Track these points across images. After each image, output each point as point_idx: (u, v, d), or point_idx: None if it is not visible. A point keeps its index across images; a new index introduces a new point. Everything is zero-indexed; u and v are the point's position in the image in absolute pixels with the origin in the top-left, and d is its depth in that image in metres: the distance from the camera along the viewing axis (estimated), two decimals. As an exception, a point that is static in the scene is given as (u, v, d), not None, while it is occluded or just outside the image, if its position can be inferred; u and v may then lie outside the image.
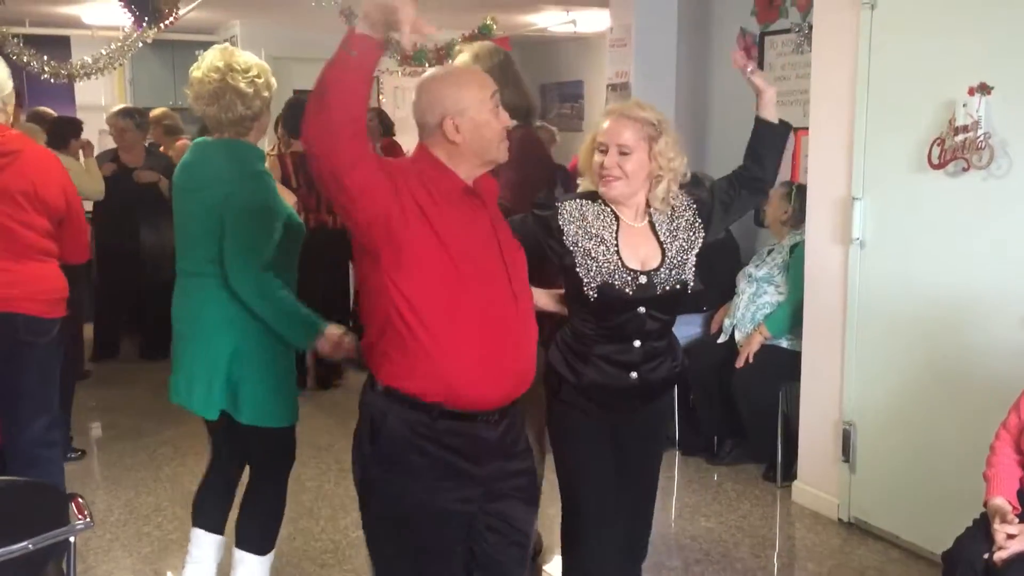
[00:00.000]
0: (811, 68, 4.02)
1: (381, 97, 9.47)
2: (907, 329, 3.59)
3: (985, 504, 2.59)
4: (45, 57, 6.59)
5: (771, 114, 2.66)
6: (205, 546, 3.01)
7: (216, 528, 3.03)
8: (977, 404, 3.24)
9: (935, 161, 3.39)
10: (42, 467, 3.27)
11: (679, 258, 2.52)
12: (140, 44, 6.53)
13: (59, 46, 8.56)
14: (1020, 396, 2.69)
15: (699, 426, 4.68)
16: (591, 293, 2.45)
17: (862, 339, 3.78)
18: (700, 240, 2.56)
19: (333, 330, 2.75)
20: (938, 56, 3.40)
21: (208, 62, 2.78)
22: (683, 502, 4.21)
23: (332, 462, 4.44)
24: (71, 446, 4.66)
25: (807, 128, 4.09)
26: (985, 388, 3.22)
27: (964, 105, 3.24)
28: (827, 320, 3.89)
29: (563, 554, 2.70)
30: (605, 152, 2.49)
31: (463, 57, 3.21)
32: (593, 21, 8.17)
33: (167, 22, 6.24)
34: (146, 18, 6.10)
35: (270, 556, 2.99)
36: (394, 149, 6.99)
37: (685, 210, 2.57)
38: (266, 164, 2.95)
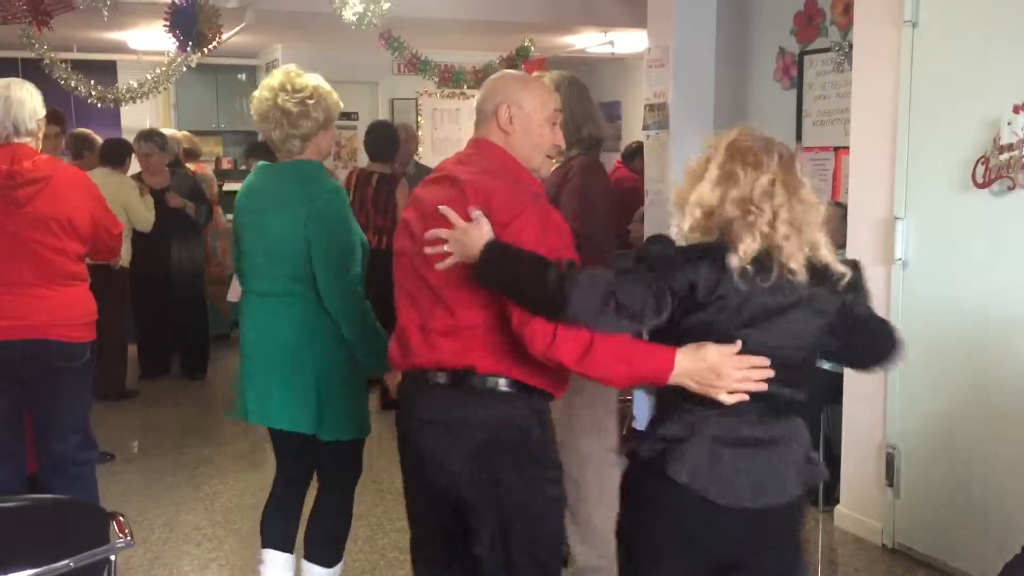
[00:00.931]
0: (851, 87, 3.99)
1: (420, 119, 9.55)
2: (951, 351, 3.53)
3: (1034, 531, 2.53)
4: (92, 81, 6.75)
5: None
6: (277, 566, 3.03)
7: (287, 546, 3.05)
8: (1023, 429, 3.17)
9: (979, 180, 3.34)
10: (74, 485, 3.30)
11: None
12: (184, 68, 6.66)
13: (106, 71, 8.75)
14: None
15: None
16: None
17: (906, 362, 3.68)
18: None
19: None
20: (981, 74, 3.35)
21: (267, 82, 2.83)
22: None
23: (369, 482, 4.44)
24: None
25: (847, 147, 4.05)
26: (1033, 411, 3.15)
27: (1008, 123, 3.20)
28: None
29: None
30: None
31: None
32: (631, 42, 8.18)
33: (210, 47, 6.34)
34: (190, 43, 6.20)
35: (339, 568, 3.04)
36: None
37: None
38: None
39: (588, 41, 8.53)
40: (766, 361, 1.94)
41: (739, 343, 1.93)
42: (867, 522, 3.92)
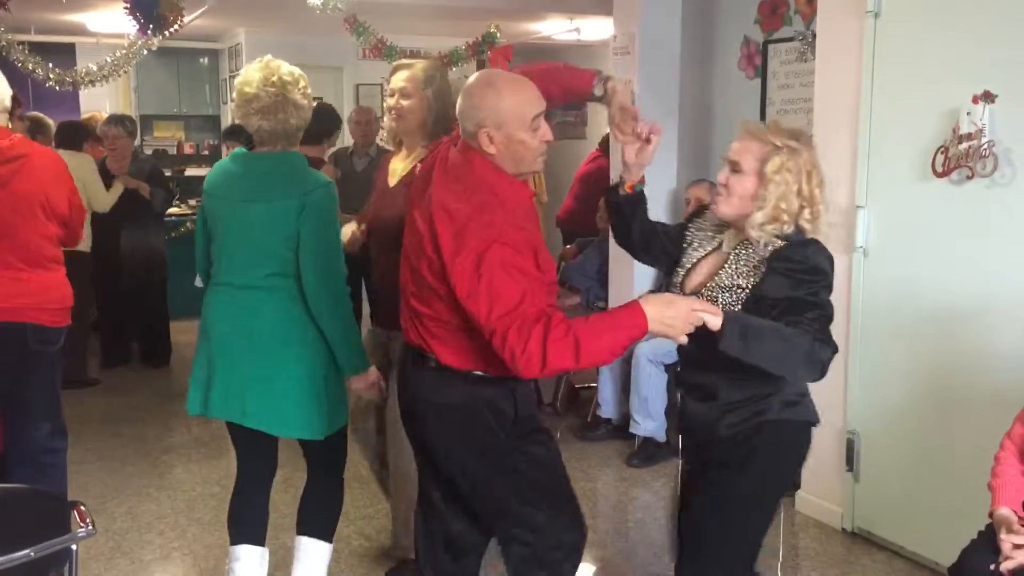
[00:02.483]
0: (815, 76, 4.02)
1: (385, 104, 9.49)
2: (911, 338, 3.58)
3: (990, 514, 2.57)
4: (50, 64, 6.62)
5: None
6: (253, 561, 3.00)
7: (261, 540, 3.03)
8: (982, 413, 3.23)
9: (939, 169, 3.38)
10: (45, 474, 3.27)
11: (723, 295, 2.32)
12: (145, 52, 6.56)
13: (64, 53, 8.62)
14: (1025, 405, 2.68)
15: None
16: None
17: (866, 348, 3.77)
18: (745, 291, 2.30)
19: (375, 371, 2.90)
20: (942, 64, 3.39)
21: (261, 76, 2.76)
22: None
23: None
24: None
25: (811, 136, 4.08)
26: (990, 397, 3.21)
27: (968, 113, 3.24)
28: (832, 329, 3.88)
29: None
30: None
31: (402, 75, 3.13)
32: (597, 29, 8.19)
33: (172, 30, 6.26)
34: (151, 26, 6.12)
35: (331, 544, 3.08)
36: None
37: (764, 254, 2.31)
38: None
39: (554, 28, 8.53)
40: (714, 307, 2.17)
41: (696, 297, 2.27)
42: (827, 506, 3.98)
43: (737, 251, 2.37)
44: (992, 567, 2.43)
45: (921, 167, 3.46)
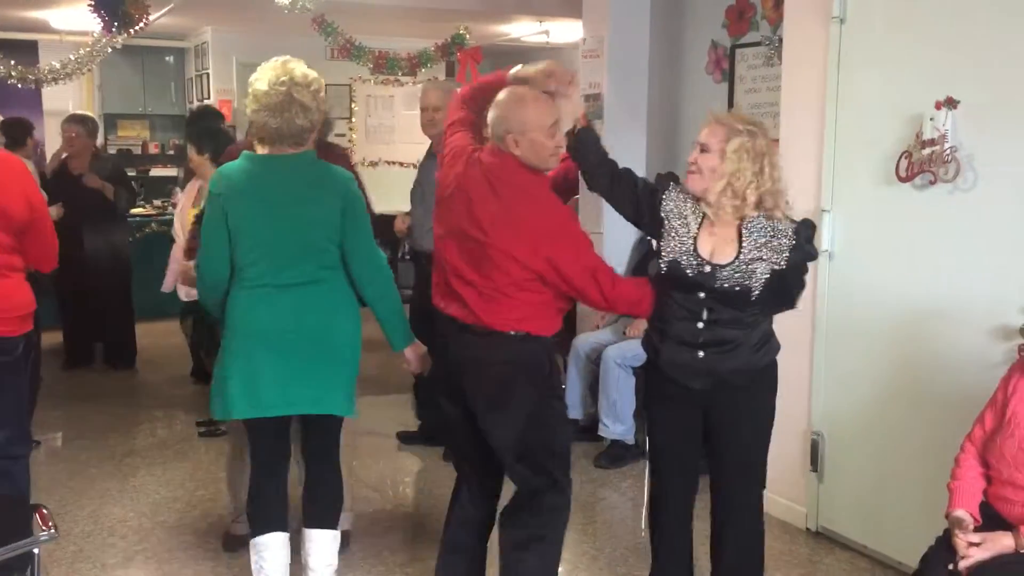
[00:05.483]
0: (781, 81, 4.06)
1: (354, 105, 9.45)
2: (875, 340, 3.63)
3: (947, 516, 2.61)
4: (12, 62, 6.53)
5: None
6: (281, 548, 3.04)
7: (286, 526, 3.08)
8: (944, 415, 3.27)
9: (902, 174, 3.43)
10: (5, 480, 3.21)
11: (751, 266, 2.71)
12: (109, 49, 6.49)
13: (27, 51, 8.50)
14: (984, 408, 2.72)
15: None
16: (663, 265, 2.79)
17: (831, 350, 3.81)
18: (777, 267, 2.72)
19: (421, 345, 3.09)
20: (906, 70, 3.44)
21: (273, 75, 2.82)
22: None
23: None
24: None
25: (777, 140, 4.12)
26: (952, 399, 3.25)
27: (931, 119, 3.28)
28: (796, 331, 3.92)
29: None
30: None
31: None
32: (566, 32, 8.21)
33: (137, 28, 6.19)
34: (116, 23, 6.05)
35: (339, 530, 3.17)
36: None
37: (783, 238, 2.73)
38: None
39: (523, 30, 8.55)
40: None
41: None
42: (792, 507, 4.02)
43: (748, 227, 2.73)
44: (950, 567, 2.47)
45: (885, 172, 3.50)
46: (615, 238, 5.02)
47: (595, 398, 4.85)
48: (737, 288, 2.71)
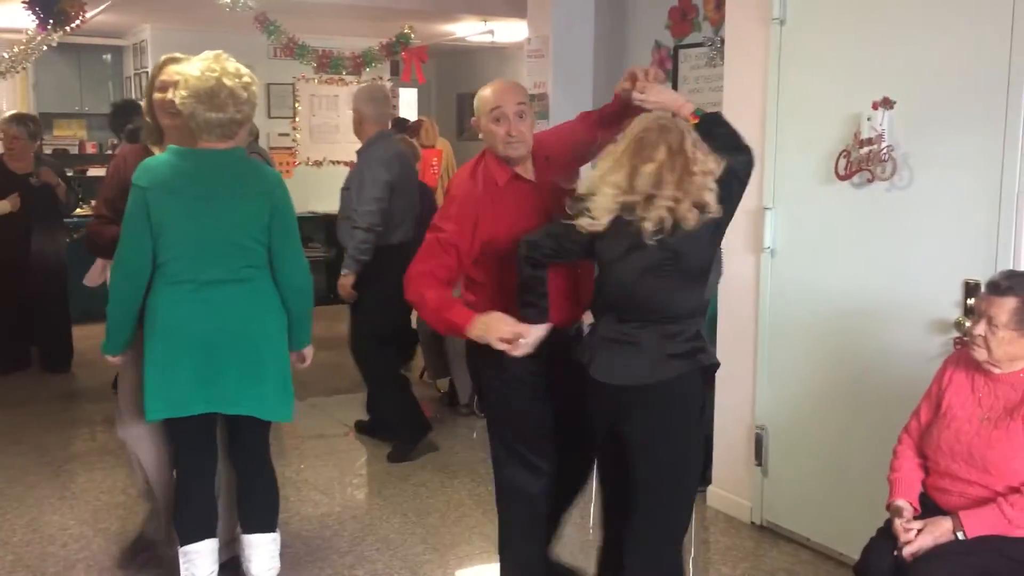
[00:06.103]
0: (723, 81, 4.11)
1: (297, 105, 9.36)
2: (816, 335, 3.69)
3: (888, 507, 2.67)
4: (-58, 60, 6.35)
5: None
6: (212, 554, 3.00)
7: (214, 532, 3.03)
8: (883, 408, 3.34)
9: (841, 172, 3.49)
10: None
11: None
12: (44, 47, 6.34)
13: (-43, 48, 8.25)
14: (920, 401, 2.79)
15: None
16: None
17: (773, 345, 3.87)
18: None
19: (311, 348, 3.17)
20: (844, 71, 3.51)
21: (205, 64, 2.80)
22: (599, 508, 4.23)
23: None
24: None
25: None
26: (891, 392, 3.33)
27: (868, 119, 3.35)
28: (740, 327, 3.98)
29: None
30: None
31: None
32: (511, 32, 8.23)
33: (73, 25, 6.06)
34: (51, 20, 5.92)
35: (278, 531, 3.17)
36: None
37: None
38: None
39: (468, 30, 8.54)
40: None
41: None
42: (737, 501, 4.07)
43: None
44: (895, 554, 2.53)
45: (825, 170, 3.57)
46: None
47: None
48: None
